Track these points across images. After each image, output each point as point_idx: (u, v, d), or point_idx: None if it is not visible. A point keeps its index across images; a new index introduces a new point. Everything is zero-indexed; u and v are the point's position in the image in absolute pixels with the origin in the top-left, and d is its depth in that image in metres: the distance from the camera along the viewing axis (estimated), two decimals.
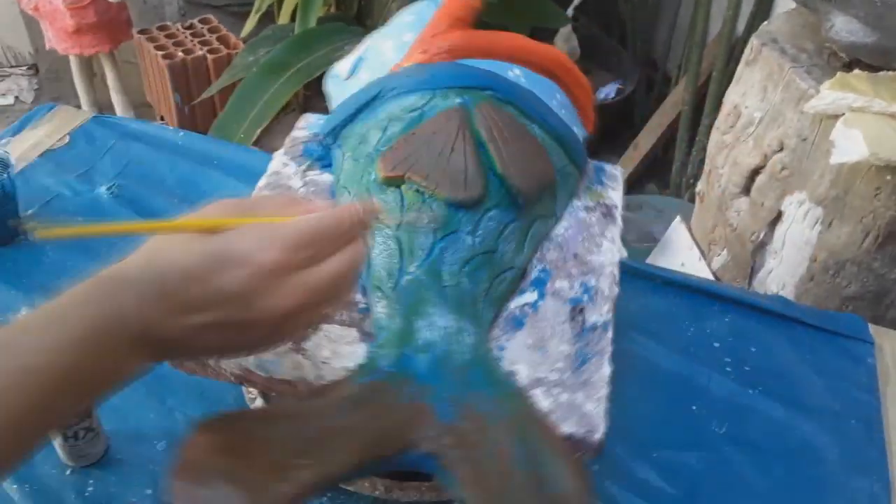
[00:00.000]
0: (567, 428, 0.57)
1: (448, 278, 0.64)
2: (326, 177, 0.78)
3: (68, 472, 0.68)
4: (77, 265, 0.87)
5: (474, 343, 0.60)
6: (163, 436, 0.71)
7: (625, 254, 0.80)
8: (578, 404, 0.58)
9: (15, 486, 0.67)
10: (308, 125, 0.84)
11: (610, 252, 0.72)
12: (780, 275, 1.24)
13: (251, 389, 0.74)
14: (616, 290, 0.68)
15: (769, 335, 0.86)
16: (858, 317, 0.90)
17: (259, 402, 0.72)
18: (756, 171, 1.24)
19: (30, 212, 0.94)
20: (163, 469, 0.46)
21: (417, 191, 0.67)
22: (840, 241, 1.13)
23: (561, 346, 0.63)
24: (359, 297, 0.65)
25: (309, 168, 0.78)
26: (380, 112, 0.74)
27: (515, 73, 0.77)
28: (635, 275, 0.90)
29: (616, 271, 0.70)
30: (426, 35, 0.78)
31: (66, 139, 1.06)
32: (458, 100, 0.73)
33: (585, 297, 0.67)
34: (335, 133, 0.78)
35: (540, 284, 0.68)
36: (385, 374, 0.57)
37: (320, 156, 0.79)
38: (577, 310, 0.66)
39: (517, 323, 0.65)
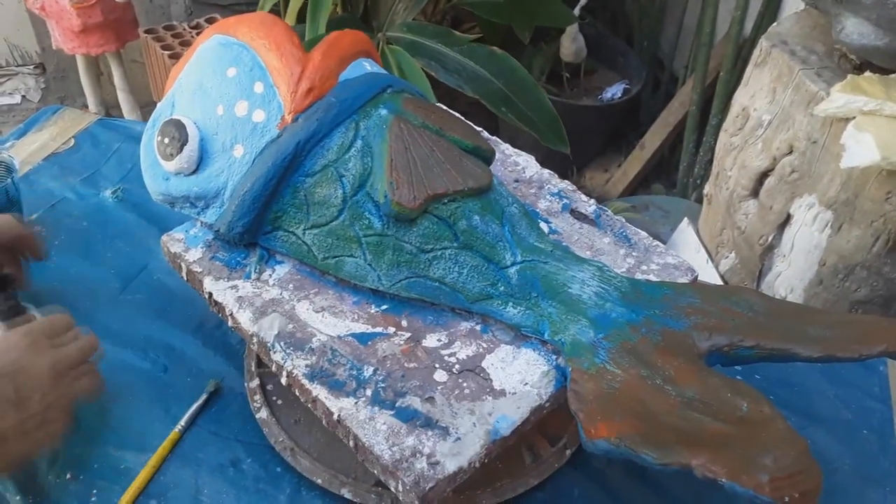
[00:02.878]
0: None
1: (537, 242, 0.68)
2: (287, 267, 0.70)
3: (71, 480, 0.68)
4: (80, 271, 0.87)
5: (601, 272, 0.66)
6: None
7: None
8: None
9: (18, 497, 0.66)
10: (184, 237, 0.73)
11: None
12: (789, 278, 1.23)
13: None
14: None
15: None
16: None
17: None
18: (765, 174, 1.23)
19: (35, 216, 0.93)
20: None
21: (444, 203, 0.66)
22: (850, 245, 1.12)
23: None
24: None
25: (259, 275, 0.69)
26: (314, 166, 0.68)
27: (367, 66, 0.74)
28: None
29: None
30: (306, 73, 0.69)
31: (72, 142, 1.06)
32: (382, 111, 0.69)
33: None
34: (255, 222, 0.69)
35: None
36: (615, 337, 0.61)
37: (244, 257, 0.71)
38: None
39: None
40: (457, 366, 0.62)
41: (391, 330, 0.65)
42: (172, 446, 0.70)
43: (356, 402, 0.59)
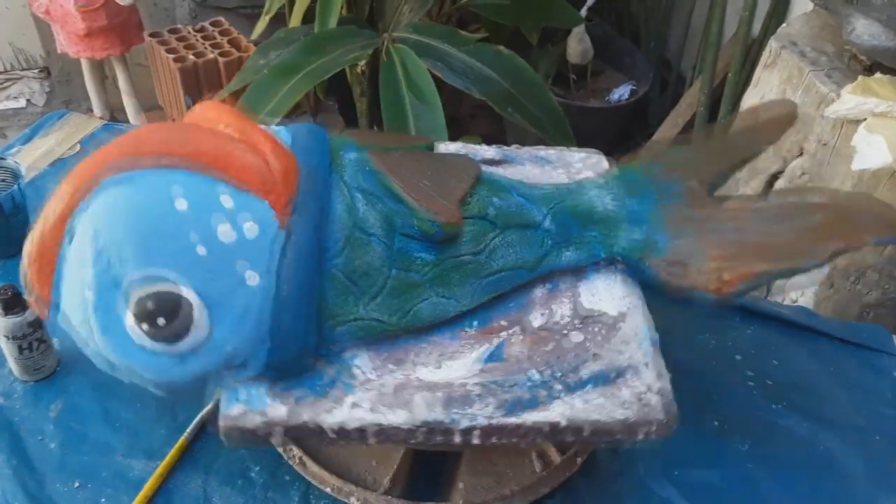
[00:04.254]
0: None
1: (540, 190, 0.72)
2: (364, 353, 0.61)
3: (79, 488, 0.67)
4: None
5: (597, 184, 0.72)
6: None
7: None
8: None
9: None
10: (245, 407, 0.56)
11: None
12: (800, 282, 1.22)
13: None
14: None
15: (791, 347, 0.85)
16: (882, 328, 0.88)
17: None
18: (775, 176, 1.22)
19: None
20: None
21: (468, 203, 0.67)
22: (861, 249, 1.11)
23: None
24: None
25: (353, 378, 0.59)
26: (337, 243, 0.61)
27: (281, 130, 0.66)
28: None
29: None
30: (268, 154, 0.59)
31: (77, 147, 1.05)
32: (350, 154, 0.66)
33: None
34: (317, 336, 0.58)
35: None
36: (657, 220, 0.68)
37: (318, 375, 0.58)
38: None
39: None
40: (573, 321, 0.64)
41: (502, 335, 0.64)
42: (180, 454, 0.70)
43: (564, 401, 0.58)
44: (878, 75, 1.06)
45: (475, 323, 0.64)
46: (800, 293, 1.23)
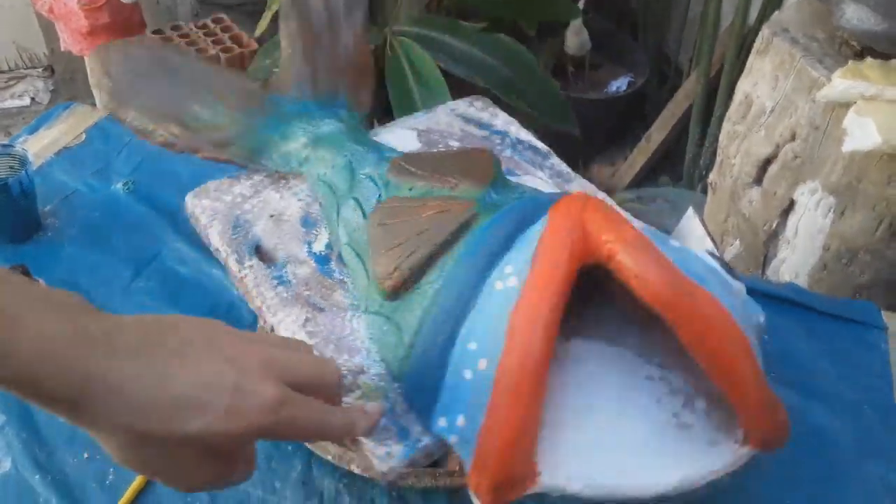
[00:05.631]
0: None
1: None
2: None
3: (88, 460, 0.69)
4: (92, 260, 0.89)
5: None
6: None
7: None
8: None
9: (37, 476, 0.68)
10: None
11: None
12: (794, 264, 1.24)
13: None
14: None
15: (782, 323, 0.86)
16: (871, 303, 0.90)
17: None
18: (768, 161, 1.24)
19: (48, 207, 0.95)
20: None
21: None
22: (853, 230, 1.13)
23: None
24: None
25: None
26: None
27: None
28: None
29: None
30: None
31: (83, 137, 1.08)
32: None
33: None
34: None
35: None
36: None
37: None
38: None
39: None
40: None
41: None
42: None
43: None
44: (868, 60, 1.08)
45: None
46: (794, 275, 1.24)
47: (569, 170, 0.82)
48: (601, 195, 0.76)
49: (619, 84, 2.17)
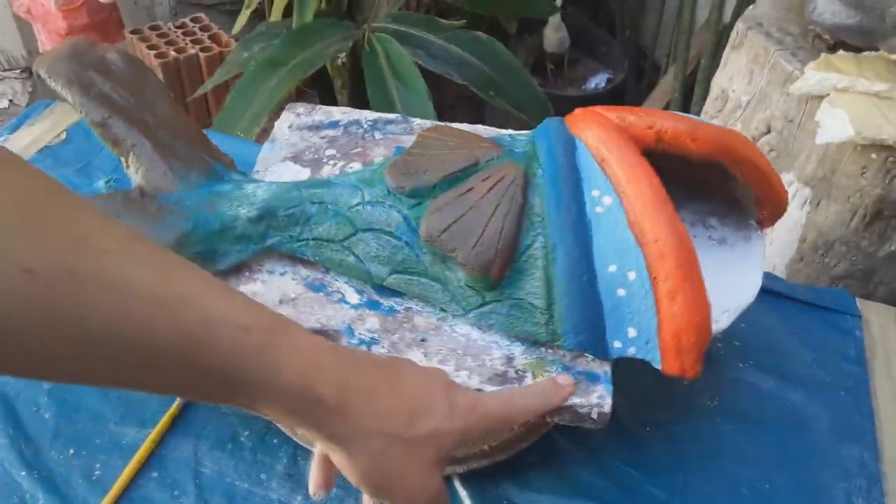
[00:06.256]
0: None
1: None
2: None
3: (74, 455, 0.70)
4: None
5: None
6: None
7: None
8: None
9: (24, 473, 0.68)
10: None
11: None
12: (770, 256, 1.26)
13: None
14: None
15: (759, 311, 0.87)
16: (846, 291, 0.92)
17: None
18: None
19: None
20: None
21: None
22: (828, 221, 1.15)
23: None
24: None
25: None
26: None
27: None
28: None
29: None
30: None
31: (63, 135, 1.08)
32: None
33: None
34: None
35: None
36: None
37: None
38: None
39: None
40: None
41: None
42: (172, 421, 0.72)
43: None
44: (840, 52, 1.10)
45: None
46: (772, 267, 1.26)
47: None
48: None
49: (598, 81, 2.19)
